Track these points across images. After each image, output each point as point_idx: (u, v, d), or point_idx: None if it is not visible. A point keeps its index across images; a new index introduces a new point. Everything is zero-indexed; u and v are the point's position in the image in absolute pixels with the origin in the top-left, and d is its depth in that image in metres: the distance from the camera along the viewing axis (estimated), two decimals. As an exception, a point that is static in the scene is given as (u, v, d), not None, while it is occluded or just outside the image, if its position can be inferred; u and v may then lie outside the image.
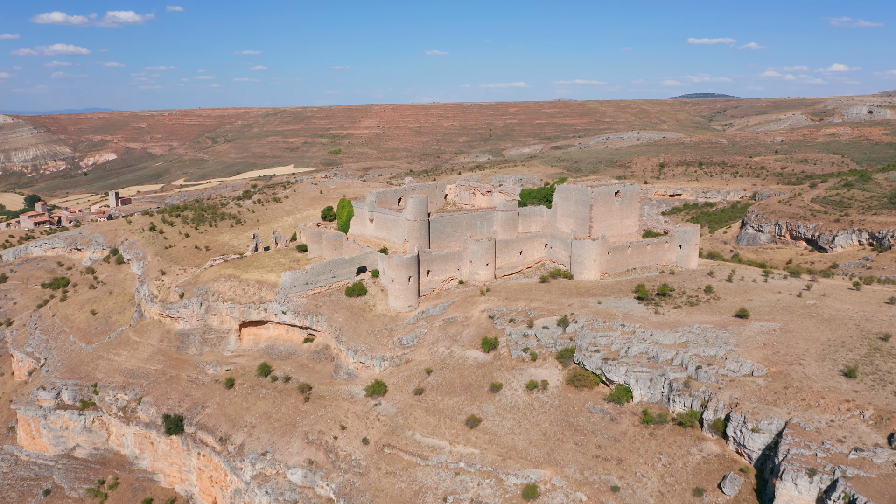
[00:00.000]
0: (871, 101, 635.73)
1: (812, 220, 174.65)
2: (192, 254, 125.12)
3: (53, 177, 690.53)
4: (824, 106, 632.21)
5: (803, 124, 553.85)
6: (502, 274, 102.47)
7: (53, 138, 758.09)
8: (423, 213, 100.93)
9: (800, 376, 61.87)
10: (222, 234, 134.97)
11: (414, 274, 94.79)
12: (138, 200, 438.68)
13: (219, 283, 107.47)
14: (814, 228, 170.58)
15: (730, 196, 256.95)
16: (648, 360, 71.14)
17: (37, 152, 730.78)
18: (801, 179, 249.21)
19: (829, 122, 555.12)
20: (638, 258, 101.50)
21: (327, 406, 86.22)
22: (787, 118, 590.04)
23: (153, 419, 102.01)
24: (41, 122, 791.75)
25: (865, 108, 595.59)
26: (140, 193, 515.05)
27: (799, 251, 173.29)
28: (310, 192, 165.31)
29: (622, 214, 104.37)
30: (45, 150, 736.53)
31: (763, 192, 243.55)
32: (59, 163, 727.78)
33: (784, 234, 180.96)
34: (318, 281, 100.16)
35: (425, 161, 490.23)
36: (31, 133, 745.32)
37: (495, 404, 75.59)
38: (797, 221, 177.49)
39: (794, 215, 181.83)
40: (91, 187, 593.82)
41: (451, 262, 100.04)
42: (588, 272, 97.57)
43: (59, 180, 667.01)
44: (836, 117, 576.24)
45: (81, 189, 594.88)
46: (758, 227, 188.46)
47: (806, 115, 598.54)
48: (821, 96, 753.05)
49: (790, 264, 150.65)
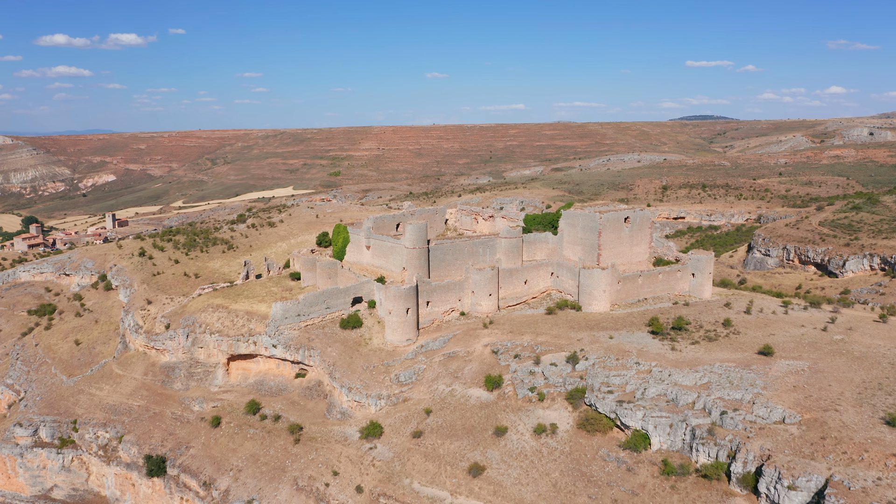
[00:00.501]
0: (871, 123, 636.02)
1: (821, 244, 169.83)
2: (181, 281, 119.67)
3: (52, 198, 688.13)
4: (825, 128, 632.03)
5: (804, 146, 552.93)
6: (506, 305, 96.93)
7: (53, 159, 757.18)
8: (423, 240, 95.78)
9: (837, 425, 56.12)
10: (213, 261, 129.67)
11: (412, 305, 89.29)
12: (136, 222, 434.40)
13: (206, 314, 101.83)
14: (823, 253, 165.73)
15: (734, 219, 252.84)
16: (667, 403, 65.38)
17: (36, 173, 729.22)
18: (807, 202, 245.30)
19: (830, 143, 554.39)
20: (649, 288, 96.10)
21: (319, 449, 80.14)
22: (788, 140, 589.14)
23: (135, 459, 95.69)
24: (41, 143, 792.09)
25: (866, 130, 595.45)
26: (138, 215, 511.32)
27: (808, 276, 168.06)
28: (305, 217, 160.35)
29: (632, 241, 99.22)
30: (44, 171, 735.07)
31: (768, 215, 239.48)
32: (58, 184, 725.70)
33: (792, 258, 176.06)
34: (311, 312, 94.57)
35: (425, 183, 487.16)
36: (31, 154, 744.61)
37: (500, 450, 69.60)
38: (806, 245, 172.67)
39: (802, 239, 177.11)
40: (89, 209, 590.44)
41: (451, 292, 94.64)
42: (597, 303, 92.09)
43: (58, 201, 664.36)
44: (837, 139, 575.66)
45: (80, 210, 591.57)
46: (765, 251, 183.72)
47: (806, 136, 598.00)
48: (821, 118, 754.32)
49: (800, 290, 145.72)
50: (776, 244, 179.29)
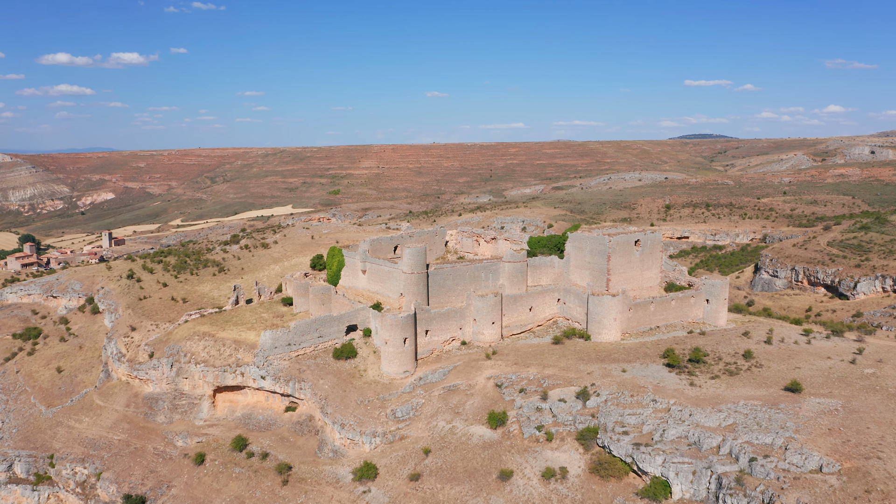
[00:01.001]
0: (871, 142, 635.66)
1: (831, 265, 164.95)
2: (168, 306, 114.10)
3: (50, 216, 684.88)
4: (826, 146, 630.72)
5: (806, 164, 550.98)
6: (510, 333, 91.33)
7: (52, 177, 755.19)
8: (421, 265, 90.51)
9: (883, 475, 50.40)
10: (203, 284, 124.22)
11: (410, 335, 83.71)
12: (133, 241, 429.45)
13: (192, 342, 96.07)
14: (833, 274, 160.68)
15: (739, 238, 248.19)
16: (689, 446, 59.63)
17: (34, 191, 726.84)
18: (813, 221, 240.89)
19: (832, 162, 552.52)
20: (662, 315, 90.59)
21: (308, 491, 74.08)
22: (790, 158, 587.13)
23: (113, 498, 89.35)
24: (40, 160, 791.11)
25: (868, 149, 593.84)
26: (136, 234, 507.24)
27: (818, 298, 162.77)
28: (300, 238, 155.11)
29: (642, 265, 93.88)
30: (42, 189, 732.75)
31: (774, 235, 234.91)
32: (57, 202, 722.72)
33: (801, 279, 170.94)
34: (303, 341, 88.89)
35: (425, 202, 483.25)
36: (30, 172, 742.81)
37: (506, 497, 63.65)
38: (815, 266, 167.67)
39: (811, 260, 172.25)
40: (87, 227, 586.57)
41: (452, 320, 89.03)
42: (607, 332, 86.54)
43: (56, 220, 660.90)
44: (839, 157, 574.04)
45: (78, 229, 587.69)
46: (773, 272, 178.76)
47: (808, 155, 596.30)
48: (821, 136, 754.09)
49: (811, 312, 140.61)
50: (784, 265, 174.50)
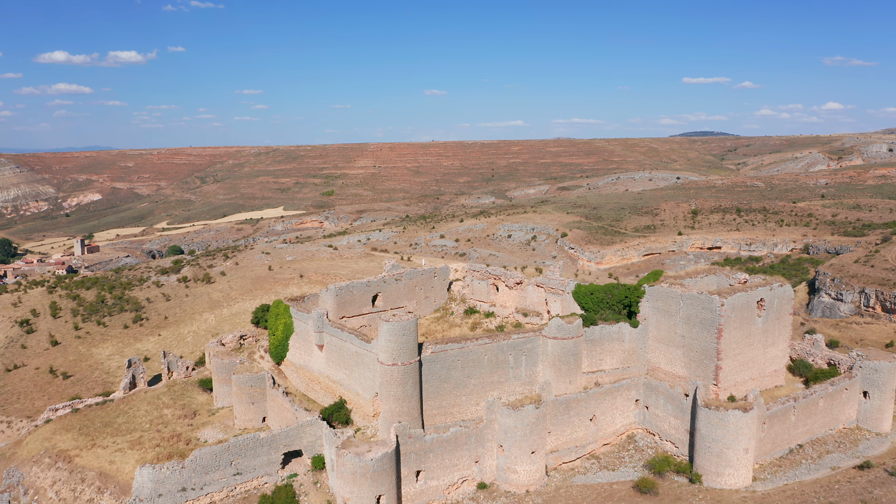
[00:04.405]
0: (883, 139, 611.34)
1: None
2: (40, 385, 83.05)
3: (34, 218, 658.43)
4: (841, 144, 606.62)
5: (822, 162, 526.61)
6: (559, 462, 60.23)
7: (37, 177, 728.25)
8: (409, 349, 56.78)
9: None
10: (104, 343, 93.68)
11: (389, 486, 51.87)
12: (112, 247, 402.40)
13: (40, 469, 63.72)
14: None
15: (777, 248, 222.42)
16: None
17: (18, 192, 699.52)
18: (860, 229, 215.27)
19: (848, 160, 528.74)
20: (805, 425, 60.26)
21: None
22: (804, 157, 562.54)
23: None
24: (24, 160, 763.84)
25: (885, 146, 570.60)
26: (119, 237, 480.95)
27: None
28: (255, 267, 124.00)
29: (765, 340, 62.11)
30: (27, 189, 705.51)
31: (817, 245, 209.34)
32: (41, 203, 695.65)
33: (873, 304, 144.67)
34: (207, 483, 55.33)
35: (424, 203, 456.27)
36: (13, 172, 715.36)
37: None
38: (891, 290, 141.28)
39: (883, 281, 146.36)
40: (70, 230, 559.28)
41: (462, 449, 57.01)
42: (732, 471, 54.82)
43: (39, 222, 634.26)
44: (856, 155, 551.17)
45: (60, 232, 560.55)
46: (836, 295, 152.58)
47: (822, 153, 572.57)
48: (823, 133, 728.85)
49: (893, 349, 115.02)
50: (850, 286, 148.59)
